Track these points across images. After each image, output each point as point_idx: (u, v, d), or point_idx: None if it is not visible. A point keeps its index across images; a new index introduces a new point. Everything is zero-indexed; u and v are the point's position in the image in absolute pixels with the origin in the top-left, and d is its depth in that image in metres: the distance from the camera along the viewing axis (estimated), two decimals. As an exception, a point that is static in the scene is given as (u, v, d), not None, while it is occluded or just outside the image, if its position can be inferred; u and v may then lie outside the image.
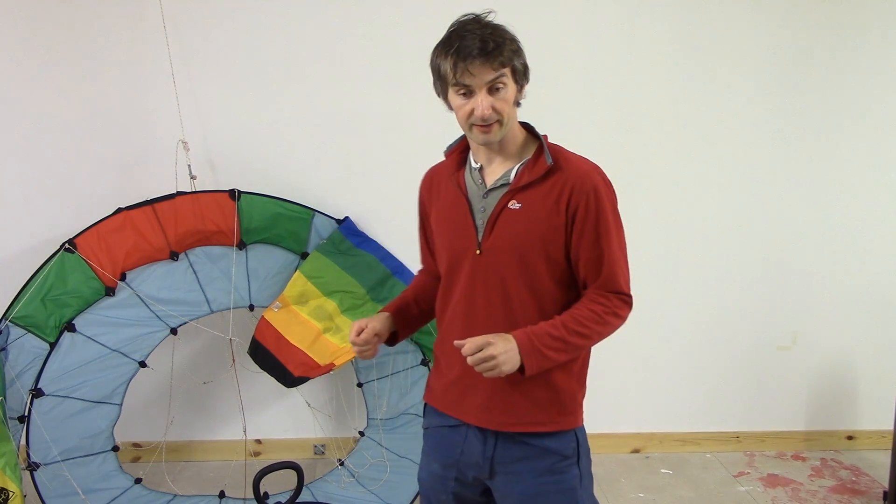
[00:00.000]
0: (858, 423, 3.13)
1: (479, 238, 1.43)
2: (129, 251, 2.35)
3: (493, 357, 1.30)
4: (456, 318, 1.48)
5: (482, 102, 1.34)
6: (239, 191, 2.48)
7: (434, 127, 2.77)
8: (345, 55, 2.67)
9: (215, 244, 2.46)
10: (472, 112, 1.36)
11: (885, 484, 2.67)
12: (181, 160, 2.58)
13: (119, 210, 2.37)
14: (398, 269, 2.65)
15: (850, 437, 3.13)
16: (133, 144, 2.67)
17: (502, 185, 1.43)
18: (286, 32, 2.64)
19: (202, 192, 2.49)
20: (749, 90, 2.81)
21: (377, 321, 1.53)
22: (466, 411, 1.49)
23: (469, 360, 1.31)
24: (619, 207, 1.48)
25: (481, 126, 1.37)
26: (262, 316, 2.46)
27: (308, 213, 2.58)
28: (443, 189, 1.53)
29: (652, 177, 2.86)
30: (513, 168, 1.43)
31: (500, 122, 1.37)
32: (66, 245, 2.28)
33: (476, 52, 1.30)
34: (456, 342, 1.34)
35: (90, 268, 2.29)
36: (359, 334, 1.49)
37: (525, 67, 1.40)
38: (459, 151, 1.53)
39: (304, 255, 2.57)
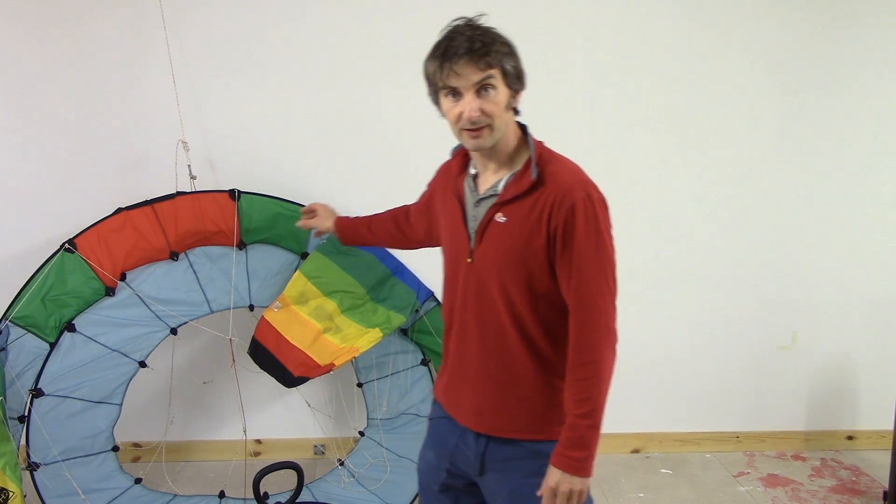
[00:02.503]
0: (858, 423, 3.13)
1: (472, 246, 1.42)
2: (129, 251, 2.34)
3: (567, 494, 1.35)
4: (453, 323, 1.50)
5: (470, 104, 1.31)
6: (239, 191, 2.48)
7: (434, 127, 2.78)
8: (345, 55, 2.67)
9: (215, 244, 2.46)
10: (460, 115, 1.32)
11: (885, 484, 2.67)
12: (181, 160, 2.58)
13: (119, 210, 2.37)
14: (398, 268, 2.65)
15: (850, 437, 3.13)
16: (133, 144, 2.67)
17: (491, 196, 1.40)
18: (286, 32, 2.64)
19: (202, 192, 2.49)
20: (749, 90, 2.81)
21: (326, 209, 2.21)
22: (460, 414, 1.51)
23: None
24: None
25: (470, 130, 1.33)
26: (262, 316, 2.45)
27: (308, 213, 2.58)
28: (447, 190, 1.52)
29: (651, 176, 2.86)
30: (503, 178, 1.40)
31: (490, 126, 1.33)
32: (66, 245, 2.28)
33: (462, 51, 1.28)
34: None
35: (90, 268, 2.28)
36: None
37: (518, 71, 1.36)
38: (462, 155, 1.51)
39: (304, 255, 2.57)
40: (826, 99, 2.84)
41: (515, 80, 1.36)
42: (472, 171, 1.47)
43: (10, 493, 1.90)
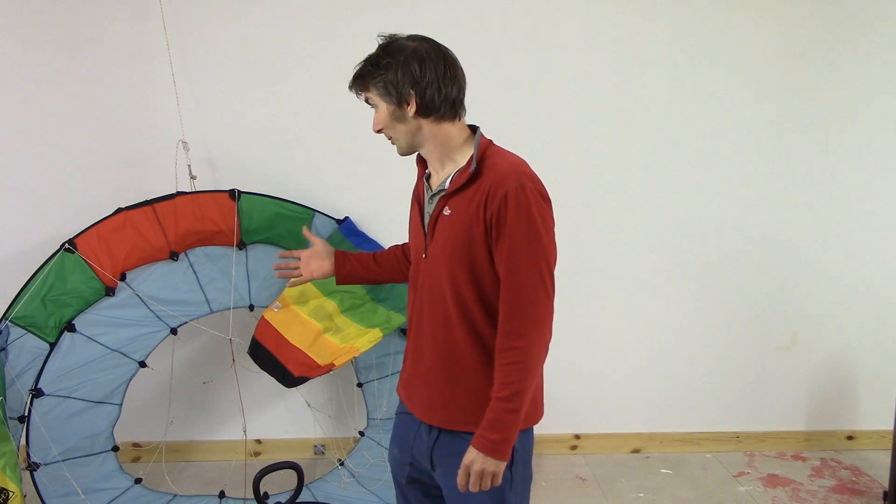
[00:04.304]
0: (858, 423, 3.13)
1: (426, 242, 1.50)
2: (129, 251, 2.34)
3: (479, 473, 1.38)
4: (412, 318, 1.57)
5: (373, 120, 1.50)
6: (239, 191, 2.48)
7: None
8: (345, 55, 2.66)
9: (215, 244, 2.46)
10: None
11: (885, 484, 2.68)
12: (181, 160, 2.58)
13: (119, 210, 2.37)
14: (398, 269, 2.65)
15: (850, 437, 3.14)
16: (133, 144, 2.67)
17: (440, 192, 1.48)
18: (286, 32, 2.64)
19: (202, 192, 2.49)
20: (749, 90, 2.81)
21: (324, 248, 1.83)
22: (415, 407, 1.56)
23: (471, 488, 1.41)
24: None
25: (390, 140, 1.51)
26: (262, 316, 2.45)
27: (308, 213, 2.58)
28: (413, 195, 1.62)
29: (651, 177, 2.86)
30: (450, 175, 1.48)
31: (389, 136, 1.50)
32: (66, 245, 2.28)
33: (351, 80, 1.49)
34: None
35: (90, 268, 2.28)
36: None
37: (392, 84, 1.42)
38: (423, 161, 1.60)
39: (304, 255, 2.57)
40: (826, 99, 2.84)
41: (391, 95, 1.44)
42: (428, 171, 1.56)
43: (10, 493, 1.90)
